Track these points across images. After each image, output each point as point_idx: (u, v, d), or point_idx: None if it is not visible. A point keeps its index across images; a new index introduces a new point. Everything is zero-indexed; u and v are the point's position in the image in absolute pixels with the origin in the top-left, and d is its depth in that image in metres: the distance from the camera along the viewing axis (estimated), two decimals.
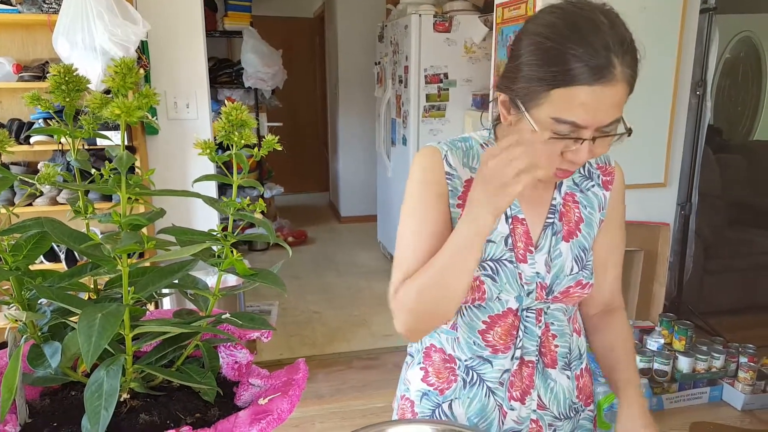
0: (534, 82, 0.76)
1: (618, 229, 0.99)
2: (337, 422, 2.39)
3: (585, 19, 0.73)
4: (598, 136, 0.76)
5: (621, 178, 0.99)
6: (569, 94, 0.73)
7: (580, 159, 0.78)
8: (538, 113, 0.77)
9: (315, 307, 3.58)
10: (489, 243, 0.89)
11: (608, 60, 0.71)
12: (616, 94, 0.73)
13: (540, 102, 0.76)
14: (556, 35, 0.73)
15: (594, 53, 0.71)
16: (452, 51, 3.56)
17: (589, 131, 0.75)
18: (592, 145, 0.77)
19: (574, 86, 0.72)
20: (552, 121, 0.75)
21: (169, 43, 2.48)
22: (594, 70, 0.71)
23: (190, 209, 2.65)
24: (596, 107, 0.73)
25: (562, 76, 0.72)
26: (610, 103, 0.73)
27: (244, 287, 0.63)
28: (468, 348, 0.94)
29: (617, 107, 0.75)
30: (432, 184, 0.89)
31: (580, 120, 0.74)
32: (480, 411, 0.95)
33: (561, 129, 0.76)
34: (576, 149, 0.77)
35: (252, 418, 0.49)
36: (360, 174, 5.47)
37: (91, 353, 0.42)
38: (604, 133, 0.77)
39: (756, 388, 2.48)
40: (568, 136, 0.76)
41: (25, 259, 0.54)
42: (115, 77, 0.45)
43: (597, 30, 0.72)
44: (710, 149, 3.18)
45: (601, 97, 0.72)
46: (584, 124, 0.74)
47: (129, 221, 0.47)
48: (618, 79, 0.72)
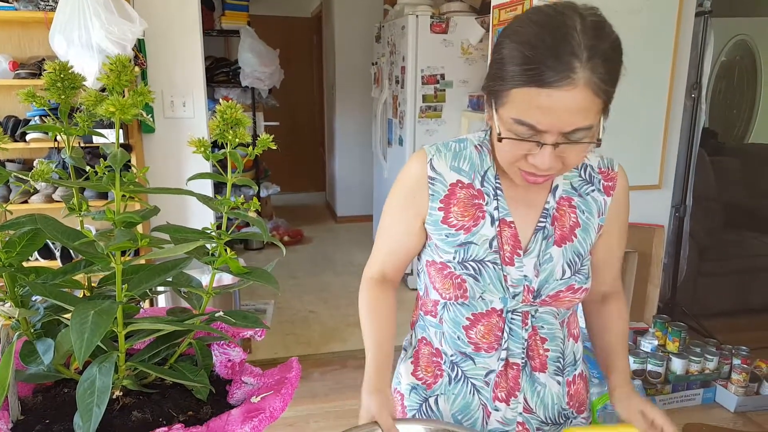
0: (498, 80, 0.76)
1: (618, 234, 0.99)
2: (331, 421, 2.39)
3: (557, 22, 0.72)
4: (561, 143, 0.75)
5: (624, 182, 0.97)
6: (526, 95, 0.73)
7: (542, 164, 0.76)
8: (503, 112, 0.77)
9: (311, 307, 3.58)
10: (471, 244, 0.90)
11: (568, 65, 0.70)
12: (575, 100, 0.71)
13: (504, 101, 0.76)
14: (522, 36, 0.74)
15: (554, 56, 0.70)
16: (449, 52, 3.56)
17: (551, 136, 0.74)
18: (557, 151, 0.76)
19: (530, 87, 0.72)
20: (512, 122, 0.76)
21: (166, 42, 2.48)
22: (550, 73, 0.70)
23: (185, 208, 2.64)
24: (553, 111, 0.72)
25: (519, 77, 0.72)
26: (569, 108, 0.71)
27: (239, 285, 0.64)
28: (452, 343, 0.95)
29: (580, 114, 0.72)
30: (411, 189, 0.94)
31: (537, 123, 0.73)
32: (464, 408, 0.96)
33: (521, 131, 0.75)
34: (538, 153, 0.76)
35: (244, 416, 0.50)
36: (356, 174, 5.47)
37: (84, 350, 0.42)
38: (569, 141, 0.75)
39: (749, 389, 2.49)
40: (528, 139, 0.76)
41: (19, 256, 0.54)
42: (110, 75, 0.45)
43: (565, 34, 0.71)
44: (705, 152, 3.20)
45: (559, 101, 0.71)
46: (542, 128, 0.74)
47: (123, 219, 0.48)
48: (578, 85, 0.70)
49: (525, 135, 0.76)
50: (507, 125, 0.77)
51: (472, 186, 0.91)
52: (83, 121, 0.56)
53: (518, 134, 0.76)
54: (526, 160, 0.79)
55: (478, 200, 0.91)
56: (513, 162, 0.81)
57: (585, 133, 0.75)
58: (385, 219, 0.99)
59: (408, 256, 0.98)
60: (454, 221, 0.91)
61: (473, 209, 0.90)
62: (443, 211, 0.91)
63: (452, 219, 0.91)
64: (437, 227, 0.91)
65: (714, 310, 3.27)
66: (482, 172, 0.92)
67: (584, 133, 0.75)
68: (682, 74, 2.64)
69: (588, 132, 0.75)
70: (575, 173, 0.94)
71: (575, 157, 0.78)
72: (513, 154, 0.79)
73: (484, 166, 0.92)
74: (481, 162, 0.92)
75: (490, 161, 0.92)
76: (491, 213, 0.90)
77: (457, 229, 0.90)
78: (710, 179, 3.34)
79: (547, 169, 0.77)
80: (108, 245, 0.42)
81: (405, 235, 0.96)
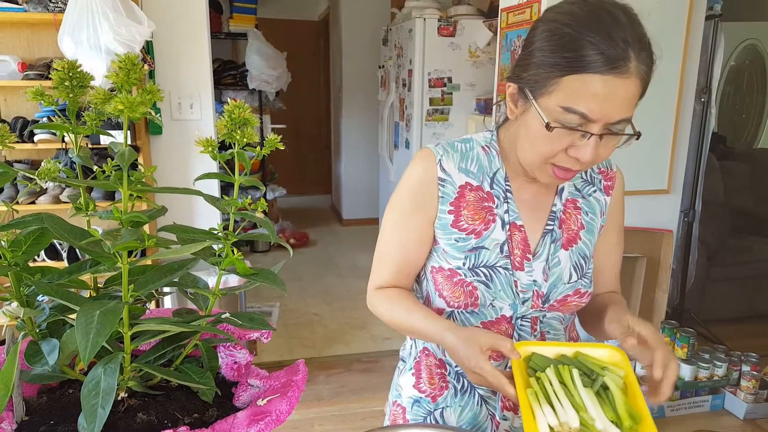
0: (546, 68, 0.74)
1: (618, 233, 0.98)
2: (336, 425, 2.38)
3: (605, 11, 0.72)
4: (606, 134, 0.74)
5: (621, 182, 0.97)
6: (581, 81, 0.71)
7: (585, 156, 0.74)
8: (547, 102, 0.74)
9: (316, 310, 3.57)
10: (482, 249, 0.87)
11: (625, 52, 0.70)
12: (628, 89, 0.71)
13: (550, 90, 0.74)
14: (574, 22, 0.72)
15: (611, 43, 0.70)
16: (456, 55, 3.56)
17: (598, 126, 0.73)
18: (599, 144, 0.74)
19: (587, 73, 0.70)
20: (560, 110, 0.73)
21: (174, 44, 2.49)
22: (610, 59, 0.69)
23: (193, 209, 2.65)
24: (607, 99, 0.71)
25: (575, 63, 0.71)
26: (622, 97, 0.71)
27: (245, 287, 0.63)
28: None
29: (628, 104, 0.73)
30: (420, 192, 0.90)
31: (590, 111, 0.71)
32: (472, 420, 0.94)
33: (569, 119, 0.73)
34: (582, 145, 0.74)
35: (250, 419, 0.49)
36: (362, 177, 5.47)
37: (89, 350, 0.41)
38: (612, 132, 0.74)
39: (758, 397, 2.46)
40: (575, 128, 0.73)
41: (24, 255, 0.53)
42: (119, 72, 0.45)
43: (616, 23, 0.71)
44: (714, 157, 3.17)
45: (614, 89, 0.70)
46: (593, 117, 0.72)
47: (130, 218, 0.47)
48: (632, 74, 0.71)
49: (573, 124, 0.73)
50: (553, 115, 0.74)
51: (481, 188, 0.89)
52: (91, 120, 0.56)
53: (566, 123, 0.73)
54: (565, 153, 0.76)
55: (488, 203, 0.89)
56: (551, 156, 0.77)
57: (626, 124, 0.75)
58: (391, 226, 0.93)
59: (420, 264, 0.93)
60: (465, 225, 0.88)
61: (483, 212, 0.88)
62: (453, 215, 0.88)
63: (463, 223, 0.88)
64: (446, 231, 0.88)
65: (723, 316, 3.23)
66: (491, 174, 0.90)
67: (625, 125, 0.75)
68: (691, 78, 2.62)
69: (627, 124, 0.75)
70: (578, 175, 0.93)
71: (608, 151, 0.77)
72: (553, 148, 0.76)
73: (492, 168, 0.90)
74: (489, 164, 0.90)
75: (498, 163, 0.90)
76: (501, 216, 0.88)
77: (468, 233, 0.88)
78: (719, 184, 3.31)
79: (589, 161, 0.75)
80: (114, 244, 0.42)
81: (417, 241, 0.90)
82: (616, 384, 0.73)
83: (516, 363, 0.75)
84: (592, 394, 0.72)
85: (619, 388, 0.73)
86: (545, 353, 0.79)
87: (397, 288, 0.93)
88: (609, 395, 0.73)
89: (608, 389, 0.73)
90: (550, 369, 0.75)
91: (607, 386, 0.74)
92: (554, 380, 0.73)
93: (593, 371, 0.76)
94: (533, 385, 0.74)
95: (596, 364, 0.76)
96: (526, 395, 0.72)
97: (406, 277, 0.93)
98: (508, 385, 0.73)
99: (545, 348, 0.80)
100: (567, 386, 0.73)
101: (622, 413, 0.70)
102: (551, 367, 0.76)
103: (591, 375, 0.75)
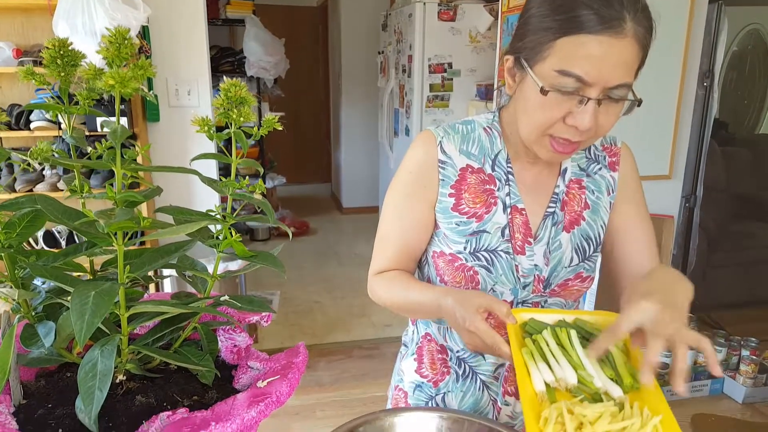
0: (540, 33, 0.73)
1: (635, 206, 0.93)
2: (337, 410, 2.39)
3: None
4: (604, 99, 0.72)
5: (628, 155, 0.94)
6: (575, 42, 0.70)
7: (583, 123, 0.72)
8: (542, 68, 0.73)
9: (316, 297, 3.57)
10: (483, 233, 0.86)
11: (619, 12, 0.68)
12: (624, 50, 0.69)
13: (544, 55, 0.73)
14: None
15: (605, 3, 0.68)
16: (457, 40, 3.52)
17: (595, 90, 0.71)
18: (598, 111, 0.72)
19: (580, 34, 0.69)
20: (555, 75, 0.71)
21: (170, 30, 2.46)
22: (603, 18, 0.68)
23: (191, 193, 2.63)
24: (603, 61, 0.69)
25: (568, 23, 0.70)
26: (618, 59, 0.69)
27: (244, 270, 0.62)
28: (460, 339, 0.91)
29: (626, 68, 0.71)
30: (420, 175, 0.88)
31: (585, 73, 0.70)
32: (473, 405, 0.94)
33: (564, 83, 0.71)
34: (580, 111, 0.72)
35: (250, 400, 0.48)
36: (362, 165, 5.45)
37: (84, 331, 0.41)
38: (611, 97, 0.72)
39: (757, 381, 2.47)
40: (572, 92, 0.72)
41: (19, 237, 0.52)
42: (110, 47, 0.44)
43: None
44: (716, 142, 3.15)
45: (609, 49, 0.69)
46: (589, 80, 0.70)
47: (124, 197, 0.46)
48: (628, 34, 0.69)
49: (569, 88, 0.72)
50: (548, 80, 0.72)
51: (482, 171, 0.88)
52: (83, 99, 0.54)
53: (562, 88, 0.72)
54: (563, 122, 0.74)
55: (489, 186, 0.88)
56: (548, 126, 0.76)
57: (626, 91, 0.73)
58: (391, 209, 0.91)
59: (421, 248, 0.92)
60: (466, 208, 0.87)
61: (485, 195, 0.87)
62: (454, 198, 0.87)
63: (464, 206, 0.87)
64: (447, 215, 0.87)
65: (723, 301, 3.24)
66: (492, 155, 0.89)
67: (625, 91, 0.73)
68: (694, 63, 2.60)
69: (627, 91, 0.73)
70: (581, 154, 0.91)
71: (609, 120, 0.75)
72: (550, 116, 0.74)
73: (494, 150, 0.89)
74: (491, 145, 0.89)
75: (500, 144, 0.89)
76: (503, 199, 0.87)
77: (468, 216, 0.86)
78: (720, 170, 3.30)
79: (586, 129, 0.73)
80: (108, 223, 0.41)
81: (417, 225, 0.89)
82: (617, 345, 0.70)
83: (512, 326, 0.73)
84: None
85: (619, 350, 0.70)
86: (543, 320, 0.76)
87: (398, 270, 0.91)
88: (609, 356, 0.70)
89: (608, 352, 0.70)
90: (547, 330, 0.73)
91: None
92: (551, 341, 0.71)
93: (592, 334, 0.73)
94: (528, 344, 0.71)
95: (596, 328, 0.74)
96: (520, 353, 0.69)
97: (407, 261, 0.92)
98: (503, 344, 0.71)
99: (544, 315, 0.77)
100: (565, 348, 0.70)
101: (623, 372, 0.67)
102: (548, 329, 0.73)
103: (590, 338, 0.72)
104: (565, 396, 0.66)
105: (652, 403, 0.64)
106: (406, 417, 0.79)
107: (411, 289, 0.86)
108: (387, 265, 0.92)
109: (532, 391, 0.65)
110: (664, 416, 0.61)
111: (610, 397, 0.65)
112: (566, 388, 0.66)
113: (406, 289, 0.86)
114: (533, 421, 0.61)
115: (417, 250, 0.92)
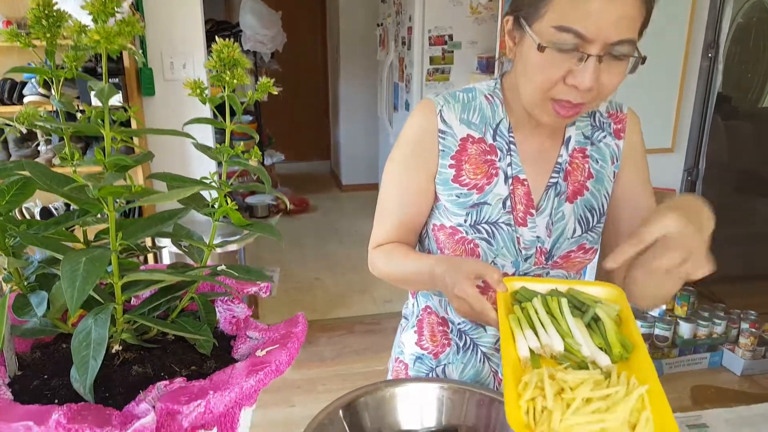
0: None
1: (639, 175, 0.91)
2: (339, 384, 2.41)
3: None
4: (605, 56, 0.69)
5: (635, 122, 0.91)
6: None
7: (583, 82, 0.70)
8: (540, 25, 0.71)
9: (316, 274, 3.58)
10: (484, 205, 0.84)
11: None
12: (626, 4, 0.67)
13: (542, 12, 0.70)
14: None
15: None
16: (457, 11, 3.45)
17: (596, 47, 0.69)
18: (599, 69, 0.70)
19: None
20: (554, 31, 0.69)
21: (164, 1, 2.40)
22: None
23: (185, 163, 2.60)
24: (602, 14, 0.67)
25: None
26: (618, 13, 0.67)
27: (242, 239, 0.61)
28: None
29: (627, 23, 0.68)
30: (420, 146, 0.86)
31: (584, 28, 0.67)
32: (474, 377, 0.93)
33: (563, 39, 0.69)
34: (580, 69, 0.69)
35: (249, 369, 0.47)
36: (362, 141, 5.39)
37: (76, 298, 0.39)
38: (613, 54, 0.70)
39: (756, 353, 2.49)
40: (571, 49, 0.69)
41: (8, 205, 0.51)
42: (94, 2, 0.41)
43: None
44: (719, 116, 3.11)
45: (609, 4, 0.66)
46: (588, 35, 0.68)
47: (113, 161, 0.44)
48: None
49: (568, 45, 0.69)
50: (546, 37, 0.70)
51: (483, 140, 0.86)
52: (71, 61, 0.52)
53: (561, 45, 0.69)
54: (563, 83, 0.72)
55: (490, 156, 0.85)
56: (549, 88, 0.73)
57: (629, 48, 0.70)
58: (391, 181, 0.89)
59: (421, 220, 0.90)
60: (467, 180, 0.85)
61: (486, 166, 0.85)
62: (454, 169, 0.85)
63: (464, 177, 0.85)
64: (447, 186, 0.85)
65: (723, 274, 3.23)
66: (494, 125, 0.86)
67: (628, 48, 0.70)
68: (699, 34, 2.55)
69: (631, 49, 0.70)
70: (586, 121, 0.89)
71: (612, 80, 0.72)
72: (550, 76, 0.72)
73: (496, 119, 0.86)
74: (492, 114, 0.86)
75: (502, 112, 0.87)
76: (504, 170, 0.85)
77: (469, 188, 0.85)
78: (723, 144, 3.27)
79: (587, 88, 0.70)
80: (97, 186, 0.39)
81: (417, 196, 0.87)
82: (609, 315, 0.69)
83: (502, 294, 0.72)
84: (580, 323, 0.67)
85: (611, 319, 0.68)
86: (536, 288, 0.74)
87: (397, 242, 0.90)
88: (600, 325, 0.68)
89: (600, 321, 0.68)
90: (537, 299, 0.71)
91: (599, 318, 0.69)
92: (540, 309, 0.69)
93: (585, 304, 0.71)
94: (516, 311, 0.70)
95: (589, 298, 0.72)
96: (507, 320, 0.68)
97: (407, 233, 0.90)
98: (491, 310, 0.70)
99: (536, 284, 0.75)
100: (554, 316, 0.69)
101: (613, 341, 0.65)
102: (538, 297, 0.71)
103: (582, 308, 0.71)
104: (550, 363, 0.64)
105: (641, 373, 0.61)
106: (407, 387, 0.79)
107: (408, 260, 0.84)
108: (386, 237, 0.90)
109: (516, 356, 0.64)
110: (651, 386, 0.58)
111: (598, 366, 0.63)
112: (552, 356, 0.65)
113: (404, 260, 0.85)
114: (512, 385, 0.59)
115: (417, 222, 0.90)
